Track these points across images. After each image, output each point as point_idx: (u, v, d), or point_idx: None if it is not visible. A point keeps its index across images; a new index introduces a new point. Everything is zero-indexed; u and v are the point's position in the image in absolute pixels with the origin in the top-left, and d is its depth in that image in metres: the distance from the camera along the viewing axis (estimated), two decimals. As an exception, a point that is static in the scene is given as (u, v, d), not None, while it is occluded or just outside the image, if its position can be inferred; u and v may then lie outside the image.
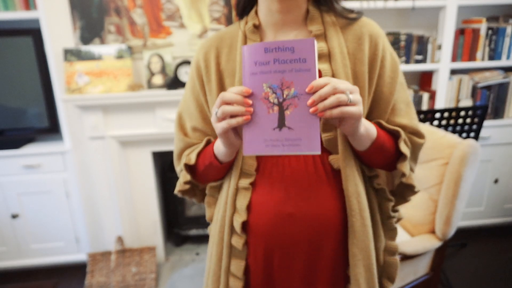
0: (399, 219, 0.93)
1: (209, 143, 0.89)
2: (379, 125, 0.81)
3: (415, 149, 0.84)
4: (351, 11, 0.82)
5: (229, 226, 0.84)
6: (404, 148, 0.79)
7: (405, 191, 0.87)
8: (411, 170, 0.86)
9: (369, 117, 0.82)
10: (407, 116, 0.83)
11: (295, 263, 0.81)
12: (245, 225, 0.83)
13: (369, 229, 0.80)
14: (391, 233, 0.89)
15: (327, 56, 0.79)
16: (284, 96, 0.63)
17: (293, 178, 0.79)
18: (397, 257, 0.89)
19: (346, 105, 0.63)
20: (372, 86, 0.81)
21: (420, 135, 0.84)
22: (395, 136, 0.82)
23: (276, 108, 0.64)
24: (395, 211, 0.90)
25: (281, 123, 0.64)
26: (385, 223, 0.88)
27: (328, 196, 0.79)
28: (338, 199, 0.79)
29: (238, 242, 0.83)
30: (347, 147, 0.78)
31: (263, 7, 0.82)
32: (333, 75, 0.77)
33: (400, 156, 0.82)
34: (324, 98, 0.62)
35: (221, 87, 0.85)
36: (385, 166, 0.84)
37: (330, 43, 0.79)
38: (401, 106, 0.83)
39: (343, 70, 0.77)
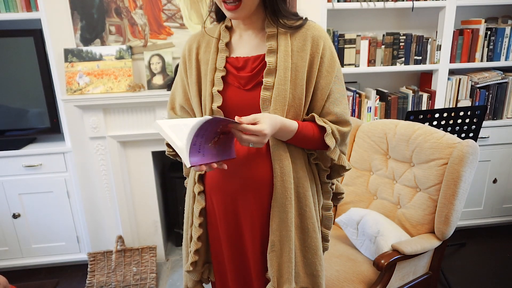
0: (340, 193, 1.21)
1: None
2: (312, 119, 1.04)
3: (343, 136, 1.06)
4: (297, 18, 1.05)
5: (193, 178, 1.13)
6: (330, 141, 1.02)
7: (339, 169, 1.11)
8: (342, 152, 1.10)
9: (311, 103, 1.04)
10: (340, 106, 1.05)
11: (233, 208, 1.08)
12: (203, 178, 1.12)
13: (288, 191, 1.02)
14: (327, 194, 1.16)
15: (275, 52, 1.01)
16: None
17: (240, 147, 1.03)
18: (331, 212, 1.17)
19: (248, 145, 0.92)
20: (313, 77, 1.02)
21: (346, 123, 1.06)
22: (323, 129, 1.03)
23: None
24: (331, 179, 1.15)
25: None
26: (322, 187, 1.14)
27: (262, 162, 1.03)
28: (267, 166, 1.04)
29: (196, 189, 1.11)
30: None
31: None
32: (276, 67, 1.00)
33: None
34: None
35: (199, 72, 1.09)
36: (316, 149, 1.07)
37: (279, 42, 1.02)
38: (337, 96, 1.04)
39: (283, 64, 1.00)
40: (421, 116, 1.94)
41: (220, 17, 1.13)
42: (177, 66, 2.07)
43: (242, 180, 1.05)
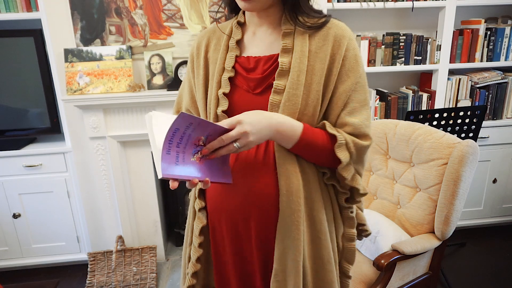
0: (361, 224, 1.03)
1: None
2: (323, 126, 0.89)
3: (359, 151, 0.88)
4: (320, 16, 0.91)
5: (194, 193, 1.02)
6: (342, 153, 0.86)
7: (353, 192, 0.94)
8: (358, 173, 0.92)
9: (326, 111, 0.91)
10: (359, 116, 0.89)
11: (235, 226, 0.94)
12: (204, 193, 1.01)
13: (296, 213, 0.88)
14: (349, 221, 0.98)
15: (290, 52, 0.89)
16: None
17: (244, 160, 0.92)
18: (355, 244, 0.99)
19: (237, 150, 0.81)
20: (331, 82, 0.88)
21: (365, 137, 0.89)
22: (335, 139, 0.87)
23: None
24: (350, 202, 0.97)
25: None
26: (342, 212, 0.98)
27: (268, 176, 0.90)
28: (275, 181, 0.90)
29: (197, 205, 1.00)
30: None
31: None
32: (290, 68, 0.88)
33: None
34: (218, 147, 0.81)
35: (206, 72, 0.99)
36: (328, 165, 0.92)
37: (296, 41, 0.89)
38: (355, 105, 0.89)
39: (298, 65, 0.87)
40: (421, 116, 1.94)
41: (232, 9, 1.01)
42: (177, 66, 2.08)
43: (246, 196, 0.91)
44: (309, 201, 0.90)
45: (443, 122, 1.99)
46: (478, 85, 2.41)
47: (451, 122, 2.00)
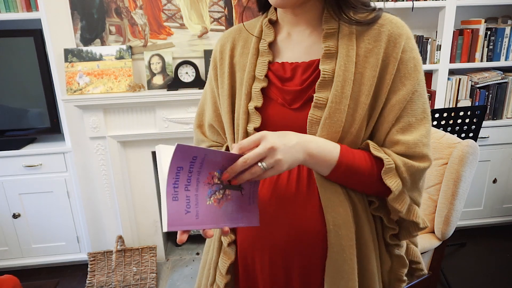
0: (417, 262, 0.87)
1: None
2: (366, 147, 0.74)
3: (414, 176, 0.72)
4: (369, 9, 0.75)
5: None
6: (391, 181, 0.70)
7: (409, 226, 0.77)
8: (415, 202, 0.76)
9: (374, 127, 0.75)
10: (414, 133, 0.71)
11: (274, 265, 0.79)
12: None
13: (347, 250, 0.73)
14: (398, 259, 0.81)
15: (334, 57, 0.73)
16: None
17: (283, 189, 0.77)
18: (403, 286, 0.83)
19: (264, 173, 0.65)
20: (383, 92, 0.72)
21: (422, 158, 0.72)
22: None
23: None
24: (399, 239, 0.81)
25: None
26: (387, 248, 0.81)
27: (311, 208, 0.75)
28: (320, 213, 0.75)
29: (225, 240, 0.84)
30: None
31: None
32: (333, 76, 0.73)
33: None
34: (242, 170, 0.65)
35: (232, 81, 0.83)
36: (376, 193, 0.76)
37: (340, 43, 0.74)
38: (411, 119, 0.72)
39: (343, 73, 0.72)
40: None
41: (261, 5, 0.86)
42: (177, 66, 2.08)
43: (288, 231, 0.76)
44: (360, 236, 0.75)
45: (443, 122, 1.99)
46: (478, 85, 2.41)
47: (451, 122, 1.99)
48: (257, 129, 0.77)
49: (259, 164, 0.64)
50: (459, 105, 2.44)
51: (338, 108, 0.71)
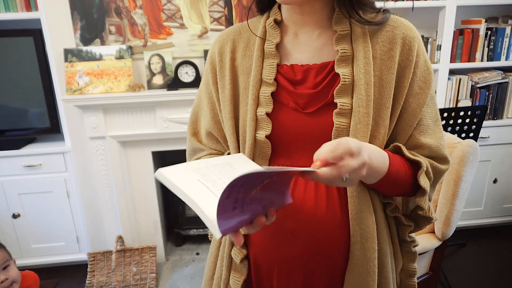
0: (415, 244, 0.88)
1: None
2: (398, 151, 0.73)
3: (437, 176, 0.75)
4: (376, 10, 0.74)
5: (230, 239, 0.80)
6: (424, 182, 0.71)
7: (421, 221, 0.79)
8: (429, 199, 0.78)
9: (393, 131, 0.74)
10: (433, 136, 0.74)
11: (293, 280, 0.76)
12: (245, 240, 0.79)
13: (371, 262, 0.72)
14: (410, 256, 0.83)
15: (350, 60, 0.71)
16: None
17: (300, 197, 0.73)
18: (415, 280, 0.84)
19: (340, 183, 0.61)
20: (401, 96, 0.72)
21: (443, 160, 0.75)
22: (415, 165, 0.73)
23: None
24: (413, 232, 0.82)
25: None
26: (402, 247, 0.82)
27: (332, 219, 0.72)
28: (343, 223, 0.73)
29: (237, 255, 0.79)
30: None
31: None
32: (354, 81, 0.70)
33: (419, 189, 0.74)
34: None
35: (235, 85, 0.79)
36: (400, 195, 0.77)
37: (355, 45, 0.71)
38: (429, 122, 0.74)
39: (364, 77, 0.70)
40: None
41: (262, 6, 0.81)
42: (177, 66, 2.08)
43: (308, 243, 0.73)
44: (380, 245, 0.74)
45: (443, 122, 1.99)
46: (478, 85, 2.41)
47: (451, 122, 1.99)
48: (268, 137, 0.74)
49: (343, 176, 0.59)
50: (459, 105, 2.43)
51: (366, 113, 0.69)
